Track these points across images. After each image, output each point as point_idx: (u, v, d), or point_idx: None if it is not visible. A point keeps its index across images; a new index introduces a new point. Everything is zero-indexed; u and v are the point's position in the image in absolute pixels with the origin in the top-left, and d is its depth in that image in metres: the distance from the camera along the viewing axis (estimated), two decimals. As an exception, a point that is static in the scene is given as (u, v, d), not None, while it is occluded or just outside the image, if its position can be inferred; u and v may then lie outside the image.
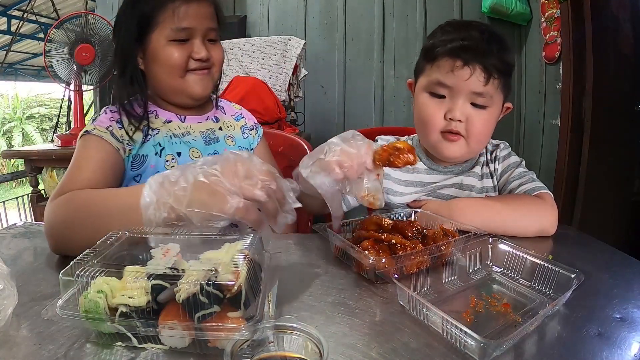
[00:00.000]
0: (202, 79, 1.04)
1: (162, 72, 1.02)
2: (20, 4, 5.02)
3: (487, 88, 0.95)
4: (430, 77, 1.00)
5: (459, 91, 0.96)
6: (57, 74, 2.20)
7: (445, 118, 0.99)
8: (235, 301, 0.48)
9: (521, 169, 1.06)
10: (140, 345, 0.50)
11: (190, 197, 0.63)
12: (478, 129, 0.98)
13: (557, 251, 0.86)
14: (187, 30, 0.99)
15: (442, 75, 0.97)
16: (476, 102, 0.97)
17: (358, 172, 0.75)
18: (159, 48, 0.99)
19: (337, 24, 3.04)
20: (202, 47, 1.01)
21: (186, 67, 1.01)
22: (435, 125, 1.00)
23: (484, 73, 0.94)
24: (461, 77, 0.95)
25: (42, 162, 2.35)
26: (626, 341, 0.52)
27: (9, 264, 0.60)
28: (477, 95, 0.96)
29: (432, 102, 1.01)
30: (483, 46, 0.95)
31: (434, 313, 0.54)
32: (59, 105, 3.08)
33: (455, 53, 0.95)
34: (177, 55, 0.99)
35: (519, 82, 2.78)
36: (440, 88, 0.99)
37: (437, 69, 0.99)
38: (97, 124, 1.00)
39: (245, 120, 1.25)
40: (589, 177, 2.16)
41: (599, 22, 2.11)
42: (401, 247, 0.70)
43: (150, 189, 0.67)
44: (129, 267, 0.52)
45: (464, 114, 0.97)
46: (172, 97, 1.07)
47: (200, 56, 1.00)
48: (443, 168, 1.10)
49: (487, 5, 2.60)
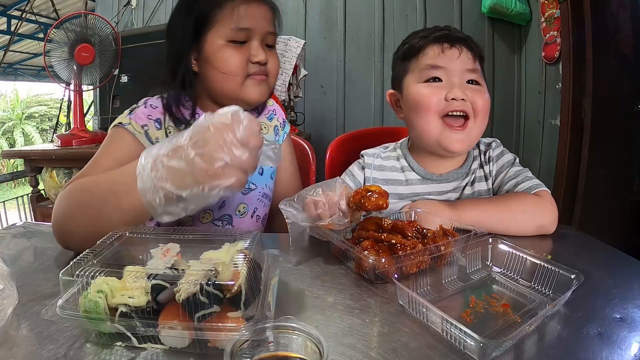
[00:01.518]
0: (259, 85, 0.99)
1: (217, 75, 0.97)
2: (19, 4, 5.01)
3: (476, 65, 1.01)
4: (420, 66, 1.02)
5: (453, 71, 0.99)
6: (57, 74, 2.20)
7: (446, 99, 0.97)
8: (235, 301, 0.48)
9: (516, 167, 1.04)
10: (140, 345, 0.50)
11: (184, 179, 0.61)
12: (482, 105, 0.98)
13: (556, 251, 0.86)
14: (246, 31, 0.95)
15: (433, 59, 1.00)
16: (472, 79, 1.00)
17: (331, 212, 0.77)
18: (215, 49, 0.95)
19: (337, 24, 3.04)
20: (260, 50, 0.96)
21: (245, 72, 0.96)
22: (436, 108, 0.98)
23: (470, 52, 1.00)
24: (452, 56, 0.99)
25: (42, 162, 2.35)
26: (626, 341, 0.52)
27: (8, 264, 0.60)
28: (471, 72, 1.00)
29: (428, 87, 1.00)
30: (460, 33, 1.03)
31: (434, 313, 0.54)
32: (59, 105, 3.08)
33: (440, 39, 1.01)
34: (234, 57, 0.94)
35: (518, 82, 2.79)
36: (434, 70, 1.00)
37: (425, 57, 1.02)
38: (134, 118, 0.96)
39: (277, 118, 1.21)
40: (589, 177, 2.16)
41: (598, 22, 2.11)
42: (401, 247, 0.70)
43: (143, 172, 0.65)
44: (129, 267, 0.52)
45: (464, 93, 0.97)
46: (225, 101, 0.97)
47: (258, 59, 0.96)
48: (437, 177, 1.08)
49: (487, 5, 2.60)
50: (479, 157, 1.11)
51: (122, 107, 2.46)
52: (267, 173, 1.16)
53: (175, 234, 0.65)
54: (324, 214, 0.76)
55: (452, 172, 1.08)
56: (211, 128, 0.61)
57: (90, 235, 0.64)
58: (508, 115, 2.80)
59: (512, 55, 2.78)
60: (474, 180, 1.08)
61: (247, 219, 1.10)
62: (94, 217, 0.73)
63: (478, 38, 1.09)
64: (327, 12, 3.05)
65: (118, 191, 0.69)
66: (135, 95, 1.06)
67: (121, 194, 0.68)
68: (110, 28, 2.25)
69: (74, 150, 2.23)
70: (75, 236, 0.76)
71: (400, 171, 1.11)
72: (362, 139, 1.58)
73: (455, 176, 1.08)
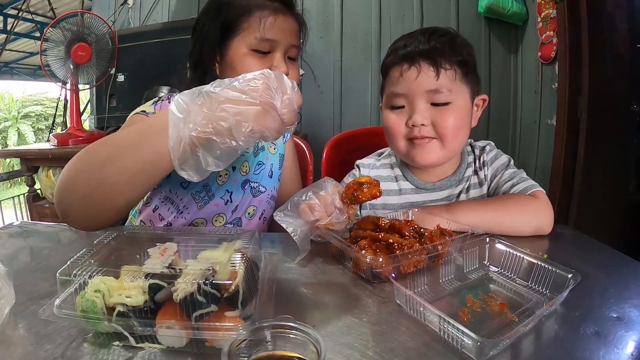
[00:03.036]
0: None
1: None
2: (16, 3, 4.99)
3: (441, 82, 0.95)
4: (387, 92, 1.03)
5: (413, 95, 0.97)
6: (54, 73, 2.19)
7: (407, 125, 0.99)
8: (232, 300, 0.48)
9: (511, 169, 1.04)
10: (137, 344, 0.50)
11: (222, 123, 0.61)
12: (447, 127, 0.97)
13: (553, 251, 0.86)
14: (270, 42, 0.95)
15: (394, 85, 0.99)
16: (436, 101, 0.96)
17: (328, 212, 0.76)
18: (239, 56, 0.95)
19: (334, 23, 3.04)
20: (282, 62, 0.97)
21: None
22: (399, 134, 1.01)
23: (432, 67, 0.95)
24: (410, 79, 0.96)
25: (39, 161, 2.34)
26: (623, 340, 0.52)
27: (5, 263, 0.60)
28: (434, 93, 0.96)
29: (393, 114, 1.02)
30: (425, 44, 0.96)
31: (431, 312, 0.54)
32: (55, 104, 3.07)
33: (400, 59, 0.98)
34: (256, 67, 0.94)
35: (514, 82, 2.79)
36: (396, 99, 1.00)
37: (389, 81, 1.02)
38: (159, 109, 0.96)
39: None
40: (585, 177, 2.16)
41: (594, 22, 2.11)
42: (398, 246, 0.70)
43: (181, 103, 0.63)
44: (126, 266, 0.52)
45: (426, 117, 0.97)
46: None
47: (280, 71, 0.96)
48: (431, 185, 1.08)
49: (484, 5, 2.60)
50: (473, 163, 1.10)
51: (118, 106, 2.46)
52: (276, 176, 1.19)
53: (173, 233, 0.64)
54: (322, 215, 0.76)
55: (444, 180, 1.08)
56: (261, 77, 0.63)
57: (92, 192, 0.64)
58: (504, 115, 2.80)
59: (508, 55, 2.78)
60: (469, 188, 1.08)
61: (255, 221, 1.12)
62: (106, 165, 0.68)
63: (474, 38, 1.09)
64: (323, 12, 3.05)
65: (144, 134, 0.68)
66: (132, 94, 1.07)
67: (146, 137, 0.67)
68: (107, 27, 2.24)
69: (70, 149, 2.22)
70: (79, 193, 0.70)
71: (394, 180, 1.12)
72: (358, 139, 1.59)
73: (448, 184, 1.08)
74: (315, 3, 3.05)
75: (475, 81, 1.02)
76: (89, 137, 2.28)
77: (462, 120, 0.99)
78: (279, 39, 0.96)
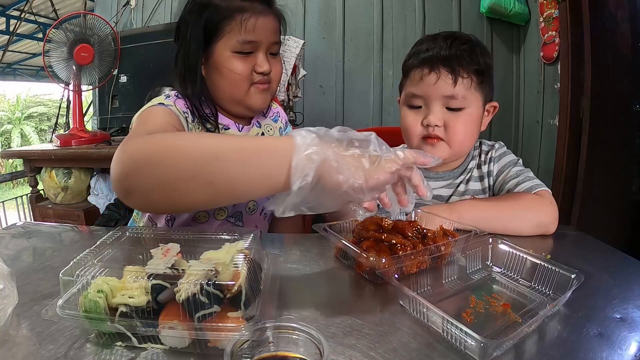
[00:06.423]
0: (262, 92, 1.04)
1: (224, 83, 1.01)
2: (18, 4, 5.01)
3: (457, 90, 0.99)
4: (406, 92, 1.07)
5: (430, 98, 1.02)
6: (56, 74, 2.19)
7: (422, 125, 1.03)
8: (235, 301, 0.48)
9: (518, 167, 1.06)
10: (140, 345, 0.50)
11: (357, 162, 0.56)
12: (457, 132, 1.02)
13: (556, 251, 0.86)
14: (252, 43, 0.98)
15: (414, 86, 1.04)
16: (451, 106, 1.01)
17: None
18: (223, 59, 0.98)
19: (336, 23, 3.04)
20: (265, 61, 1.00)
21: (250, 81, 1.01)
22: (415, 133, 1.05)
23: (451, 75, 0.99)
24: (429, 84, 1.01)
25: (41, 162, 2.34)
26: (626, 341, 0.52)
27: (8, 264, 0.60)
28: (449, 99, 1.00)
29: (410, 113, 1.07)
30: (446, 51, 1.01)
31: (434, 313, 0.54)
32: (58, 105, 3.07)
33: (422, 62, 1.03)
34: (241, 68, 0.98)
35: (517, 82, 2.78)
36: (415, 99, 1.05)
37: (410, 82, 1.06)
38: (175, 103, 0.98)
39: (281, 120, 1.25)
40: (588, 177, 2.15)
41: (597, 22, 2.11)
42: (401, 247, 0.70)
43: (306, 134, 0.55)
44: (129, 266, 0.52)
45: (440, 119, 1.01)
46: (232, 107, 1.07)
47: (263, 70, 1.00)
48: (434, 174, 1.12)
49: (486, 5, 2.60)
50: (477, 157, 1.13)
51: (121, 107, 2.47)
52: None
53: (176, 233, 0.64)
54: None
55: (448, 170, 1.12)
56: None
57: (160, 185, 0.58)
58: (507, 115, 2.80)
59: (510, 55, 2.77)
60: (469, 179, 1.11)
61: (255, 216, 1.13)
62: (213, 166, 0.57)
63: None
64: (326, 12, 3.05)
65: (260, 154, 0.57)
66: (135, 95, 1.07)
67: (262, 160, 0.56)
68: (110, 28, 2.24)
69: (73, 150, 2.23)
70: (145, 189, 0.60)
71: None
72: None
73: (450, 175, 1.12)
74: (317, 3, 3.05)
75: (489, 89, 1.06)
76: (92, 138, 2.29)
77: (472, 125, 1.04)
78: (260, 40, 0.99)
